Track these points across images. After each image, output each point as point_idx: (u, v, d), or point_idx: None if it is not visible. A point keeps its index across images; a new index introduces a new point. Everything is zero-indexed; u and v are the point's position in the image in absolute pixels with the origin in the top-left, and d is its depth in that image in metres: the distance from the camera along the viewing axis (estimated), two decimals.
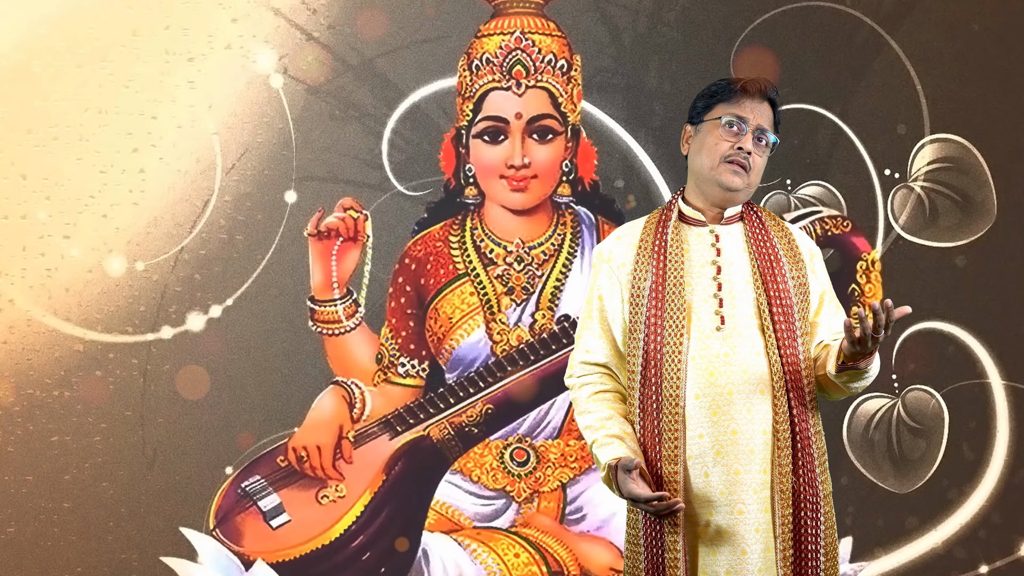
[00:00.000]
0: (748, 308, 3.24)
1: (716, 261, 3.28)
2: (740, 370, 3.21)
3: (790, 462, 3.19)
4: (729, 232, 3.31)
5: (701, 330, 3.24)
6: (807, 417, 3.22)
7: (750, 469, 3.20)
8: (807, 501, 3.20)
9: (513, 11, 5.14)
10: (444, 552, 5.07)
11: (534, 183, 5.15)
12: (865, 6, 5.34)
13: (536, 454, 5.14)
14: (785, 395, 3.21)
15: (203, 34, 4.96)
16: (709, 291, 3.26)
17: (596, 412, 3.30)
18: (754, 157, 3.27)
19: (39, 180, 4.86)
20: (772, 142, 3.31)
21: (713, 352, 3.22)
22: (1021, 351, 5.39)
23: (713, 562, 3.21)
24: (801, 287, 3.27)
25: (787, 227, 3.36)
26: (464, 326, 5.09)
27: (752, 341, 3.23)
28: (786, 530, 3.18)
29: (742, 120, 3.27)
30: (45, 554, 4.85)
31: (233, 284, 4.99)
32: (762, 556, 3.19)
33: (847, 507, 5.24)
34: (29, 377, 4.86)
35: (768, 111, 3.31)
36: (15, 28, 4.84)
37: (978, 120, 5.39)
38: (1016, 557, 5.38)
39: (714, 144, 3.28)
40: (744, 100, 3.29)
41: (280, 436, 5.02)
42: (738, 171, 3.26)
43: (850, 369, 3.18)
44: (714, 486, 3.21)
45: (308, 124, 5.04)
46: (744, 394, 3.20)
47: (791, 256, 3.30)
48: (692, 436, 3.21)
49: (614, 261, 3.35)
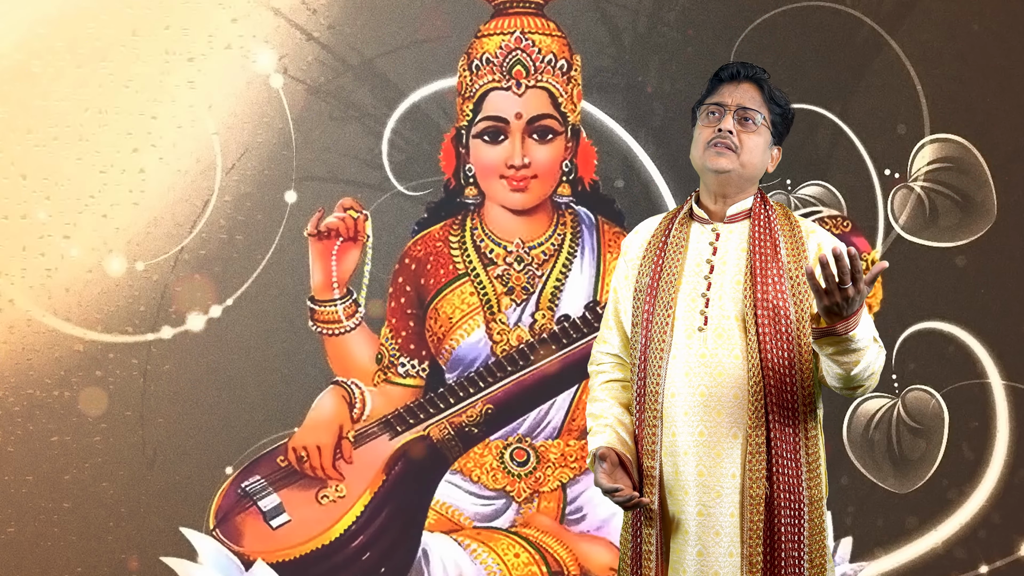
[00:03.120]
0: (733, 309, 3.22)
1: (710, 260, 3.28)
2: (715, 372, 3.20)
3: (763, 468, 3.16)
4: (732, 230, 3.30)
5: (685, 329, 3.24)
6: (793, 422, 3.18)
7: (716, 472, 3.19)
8: (785, 508, 3.17)
9: (513, 11, 5.14)
10: (444, 552, 5.07)
11: (534, 183, 5.15)
12: (865, 6, 5.34)
13: (536, 454, 5.14)
14: (762, 399, 3.17)
15: (203, 34, 4.96)
16: (698, 290, 3.26)
17: (601, 400, 3.37)
18: (740, 135, 3.26)
19: (39, 180, 4.86)
20: (765, 116, 3.29)
21: (693, 352, 3.22)
22: (1021, 351, 5.39)
23: (678, 559, 3.23)
24: (800, 287, 3.22)
25: (799, 223, 3.32)
26: (464, 326, 5.10)
27: (732, 343, 3.20)
28: (755, 536, 3.16)
29: (719, 105, 3.28)
30: (45, 554, 4.85)
31: (233, 284, 4.99)
32: (723, 559, 3.18)
33: (847, 507, 5.24)
34: (29, 377, 4.86)
35: (751, 90, 3.30)
36: (15, 28, 4.84)
37: (978, 120, 5.39)
38: (1016, 557, 5.38)
39: (698, 135, 3.31)
40: (721, 87, 3.32)
41: (280, 436, 5.02)
42: (722, 151, 3.25)
43: (829, 336, 3.05)
44: (682, 484, 3.22)
45: (308, 124, 5.04)
46: (716, 397, 3.19)
47: (794, 255, 3.25)
48: (667, 433, 3.23)
49: (629, 255, 3.39)
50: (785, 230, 3.29)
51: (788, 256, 3.26)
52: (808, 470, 3.20)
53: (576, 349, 5.10)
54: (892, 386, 5.32)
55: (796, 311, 3.20)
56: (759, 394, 3.17)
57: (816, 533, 3.21)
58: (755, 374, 3.17)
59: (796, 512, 3.18)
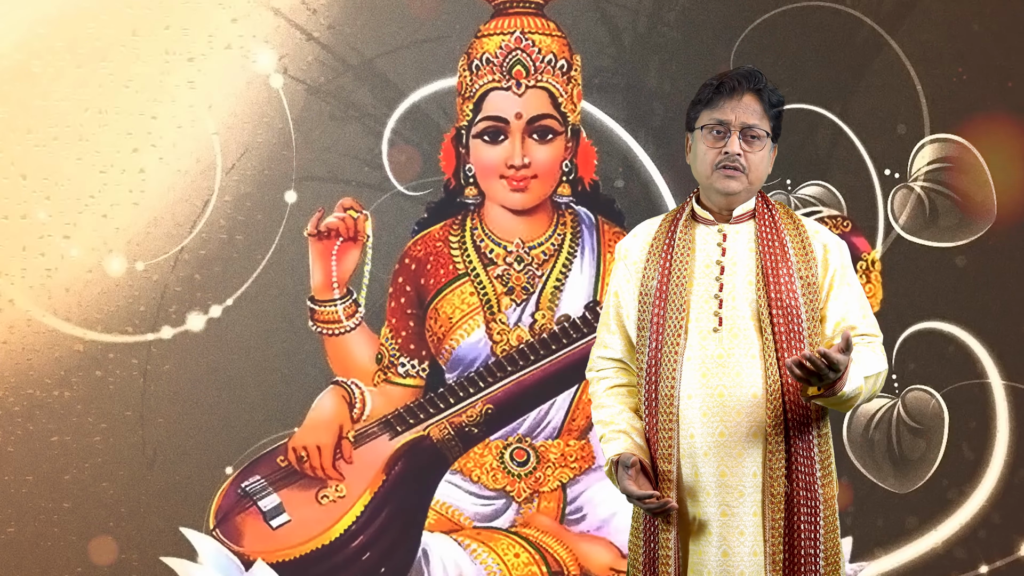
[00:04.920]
0: (748, 309, 3.22)
1: (720, 261, 3.27)
2: (734, 372, 3.20)
3: (783, 466, 3.17)
4: (738, 231, 3.29)
5: (700, 331, 3.23)
6: (808, 420, 3.20)
7: (738, 472, 3.19)
8: (803, 505, 3.18)
9: (513, 11, 5.14)
10: (444, 552, 5.07)
11: (534, 183, 5.15)
12: (865, 6, 5.34)
13: (536, 454, 5.14)
14: (780, 398, 3.18)
15: (203, 34, 4.96)
16: (710, 291, 3.25)
17: (609, 407, 3.33)
18: (747, 156, 3.24)
19: (39, 180, 4.86)
20: (767, 129, 3.25)
21: (709, 353, 3.21)
22: (1021, 351, 5.39)
23: (700, 560, 3.21)
24: (810, 286, 3.23)
25: (803, 223, 3.32)
26: (464, 326, 5.09)
27: (749, 343, 3.20)
28: (776, 534, 3.17)
29: (723, 123, 3.24)
30: (45, 554, 4.85)
31: (233, 284, 4.99)
32: (748, 559, 3.18)
33: (847, 507, 5.24)
34: (29, 377, 4.86)
35: (752, 103, 3.25)
36: (15, 28, 4.84)
37: (978, 120, 5.39)
38: (1016, 557, 5.38)
39: (704, 152, 3.26)
40: (722, 101, 3.25)
41: (280, 436, 5.02)
42: (731, 175, 3.23)
43: (815, 397, 3.14)
44: (703, 486, 3.21)
45: (308, 124, 5.03)
46: (735, 396, 3.19)
47: (802, 254, 3.26)
48: (684, 435, 3.21)
49: (629, 258, 3.36)
50: (790, 229, 3.30)
51: (796, 256, 3.26)
52: (822, 467, 3.22)
53: (576, 349, 5.10)
54: (892, 386, 5.32)
55: (807, 310, 3.22)
56: (777, 393, 3.18)
57: (831, 531, 3.22)
58: (773, 373, 3.18)
59: (813, 509, 3.19)
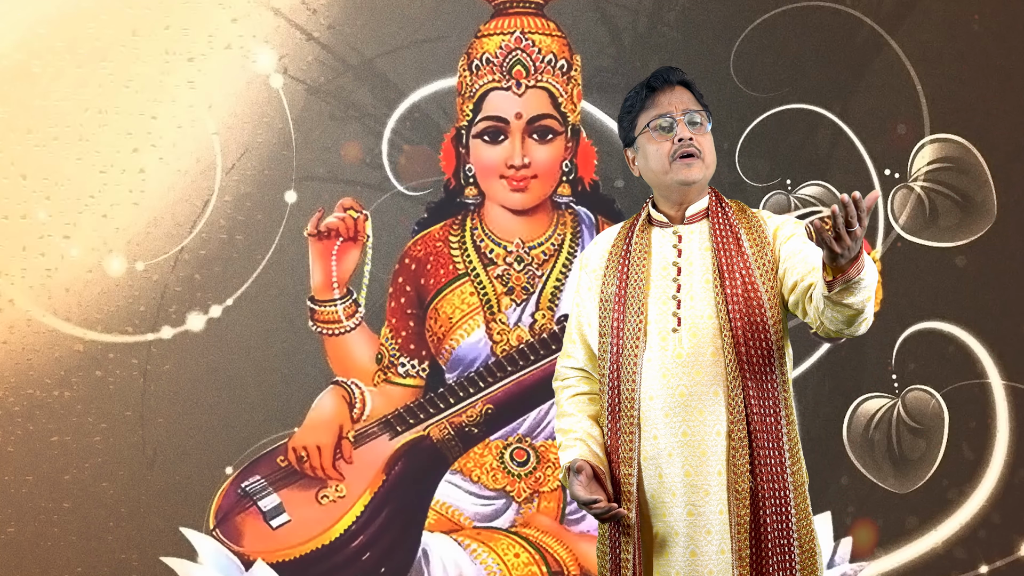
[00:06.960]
0: (707, 308, 3.22)
1: (677, 262, 3.27)
2: (693, 371, 3.20)
3: (747, 462, 3.16)
4: (692, 231, 3.29)
5: (659, 332, 3.23)
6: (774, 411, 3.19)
7: (703, 471, 3.19)
8: (770, 499, 3.17)
9: (513, 11, 5.15)
10: (444, 552, 5.07)
11: (534, 183, 5.15)
12: (865, 6, 5.34)
13: (536, 454, 5.14)
14: (742, 394, 3.17)
15: (203, 34, 4.97)
16: (668, 292, 3.25)
17: (570, 415, 3.34)
18: (698, 139, 3.24)
19: (39, 180, 4.86)
20: (707, 116, 3.27)
21: (668, 353, 3.21)
22: (1021, 351, 5.39)
23: (665, 563, 3.21)
24: (769, 271, 3.22)
25: (757, 215, 3.32)
26: (464, 326, 5.10)
27: (708, 341, 3.20)
28: (742, 530, 3.16)
29: (665, 115, 3.25)
30: (45, 554, 4.85)
31: (233, 284, 4.99)
32: (715, 557, 3.18)
33: (847, 507, 5.24)
34: (29, 377, 4.86)
35: (685, 93, 3.28)
36: (15, 28, 4.84)
37: (978, 120, 5.40)
38: (1016, 557, 5.38)
39: (655, 150, 3.26)
40: (657, 97, 3.27)
41: (280, 436, 5.02)
42: (690, 162, 3.23)
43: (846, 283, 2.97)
44: (667, 488, 3.21)
45: (308, 124, 5.04)
46: (697, 395, 3.19)
47: (757, 244, 3.25)
48: (647, 438, 3.22)
49: (589, 266, 3.37)
50: (743, 221, 3.29)
51: (752, 246, 3.25)
52: (791, 456, 3.21)
53: None
54: (892, 386, 5.32)
55: (769, 297, 3.20)
56: (738, 388, 3.18)
57: (803, 517, 3.21)
58: (733, 368, 3.17)
59: (782, 500, 3.18)
